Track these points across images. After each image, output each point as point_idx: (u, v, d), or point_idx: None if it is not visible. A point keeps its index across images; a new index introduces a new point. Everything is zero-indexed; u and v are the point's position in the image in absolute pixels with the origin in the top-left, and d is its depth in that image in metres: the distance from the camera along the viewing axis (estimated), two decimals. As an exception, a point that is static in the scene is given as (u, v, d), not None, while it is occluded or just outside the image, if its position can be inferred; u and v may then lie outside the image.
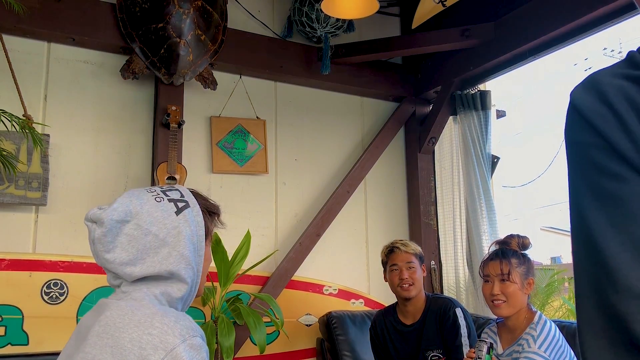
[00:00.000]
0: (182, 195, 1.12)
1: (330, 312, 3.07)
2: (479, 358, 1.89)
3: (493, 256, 2.07)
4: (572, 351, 1.93)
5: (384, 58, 3.60)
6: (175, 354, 0.90)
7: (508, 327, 2.04)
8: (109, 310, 0.99)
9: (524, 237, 2.09)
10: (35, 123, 2.54)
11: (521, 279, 2.00)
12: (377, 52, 3.43)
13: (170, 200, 1.09)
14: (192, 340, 0.93)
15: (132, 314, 0.96)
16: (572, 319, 4.71)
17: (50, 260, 2.65)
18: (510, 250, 2.05)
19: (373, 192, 3.63)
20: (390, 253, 2.46)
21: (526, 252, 2.08)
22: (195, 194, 1.17)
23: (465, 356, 2.07)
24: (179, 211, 1.07)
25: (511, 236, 2.10)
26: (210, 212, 1.18)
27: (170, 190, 1.13)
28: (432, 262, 3.52)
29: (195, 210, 1.11)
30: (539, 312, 2.01)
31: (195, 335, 0.95)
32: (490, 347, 1.92)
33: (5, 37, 2.60)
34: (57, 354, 1.07)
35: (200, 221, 1.10)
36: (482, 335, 2.16)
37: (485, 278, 2.07)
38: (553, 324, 1.97)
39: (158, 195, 1.09)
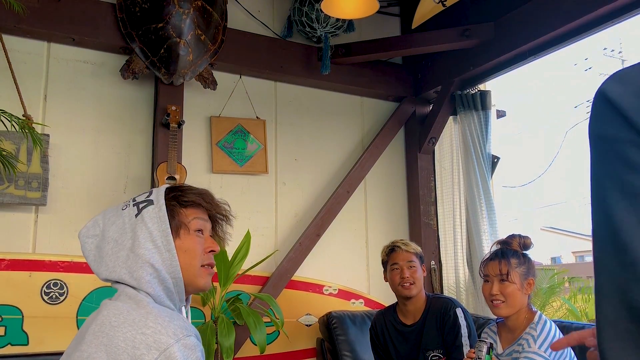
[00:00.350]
0: (149, 195, 1.13)
1: (330, 312, 3.07)
2: (479, 358, 1.89)
3: (493, 256, 2.07)
4: (572, 351, 1.93)
5: (384, 58, 3.60)
6: (168, 354, 0.90)
7: (508, 327, 2.04)
8: (106, 310, 1.01)
9: (526, 237, 2.09)
10: (35, 123, 2.53)
11: (520, 279, 1.99)
12: (377, 52, 3.43)
13: (135, 205, 1.12)
14: (186, 340, 0.94)
15: (127, 314, 0.97)
16: (572, 319, 4.71)
17: (50, 260, 2.65)
18: (511, 250, 2.05)
19: (373, 192, 3.63)
20: (391, 252, 2.47)
21: (527, 252, 2.08)
22: (173, 188, 1.17)
23: (465, 357, 2.07)
24: (138, 213, 1.09)
25: (512, 236, 2.10)
26: (184, 201, 1.15)
27: (143, 194, 1.15)
28: (432, 262, 3.52)
29: (157, 206, 1.10)
30: (539, 312, 2.01)
31: (189, 335, 0.95)
32: (490, 347, 1.92)
33: (5, 37, 2.60)
34: (57, 354, 1.08)
35: (162, 216, 1.09)
36: (482, 335, 2.16)
37: (485, 278, 2.07)
38: (553, 324, 1.96)
39: (126, 204, 1.14)
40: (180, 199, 1.15)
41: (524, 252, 2.06)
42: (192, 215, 1.15)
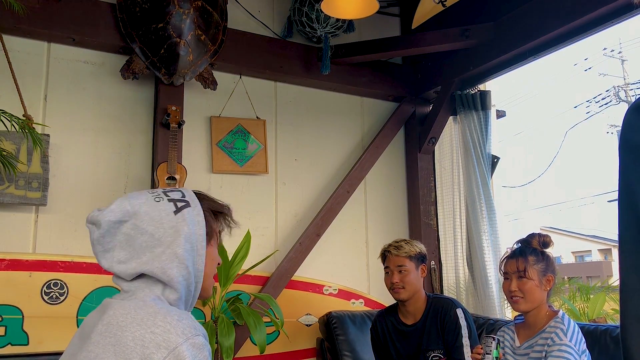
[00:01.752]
0: (183, 196, 1.12)
1: (330, 312, 3.07)
2: (487, 354, 1.90)
3: (511, 254, 2.12)
4: (587, 350, 1.96)
5: (384, 58, 3.60)
6: (177, 353, 0.90)
7: (528, 323, 2.08)
8: (112, 309, 0.99)
9: (545, 236, 2.14)
10: (35, 123, 2.53)
11: (539, 275, 2.04)
12: (377, 52, 3.42)
13: (170, 200, 1.09)
14: (194, 339, 0.93)
15: (135, 313, 0.96)
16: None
17: (50, 260, 2.65)
18: (530, 248, 2.10)
19: (373, 192, 3.63)
20: (383, 257, 2.48)
21: (547, 250, 2.11)
22: (200, 195, 1.17)
23: (472, 353, 2.07)
24: (177, 210, 1.07)
25: (532, 235, 2.15)
26: (216, 212, 1.17)
27: (172, 191, 1.13)
28: (432, 262, 3.52)
29: (196, 210, 1.10)
30: (561, 310, 2.05)
31: (197, 334, 0.95)
32: (498, 343, 1.94)
33: (5, 37, 2.60)
34: (57, 353, 1.07)
35: (201, 221, 1.10)
36: (498, 332, 2.19)
37: (504, 275, 2.12)
38: (575, 322, 2.01)
39: (158, 196, 1.09)
40: (212, 207, 1.17)
41: (544, 250, 2.09)
42: (218, 227, 1.18)
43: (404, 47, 3.44)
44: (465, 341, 2.26)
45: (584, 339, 1.96)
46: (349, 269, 3.45)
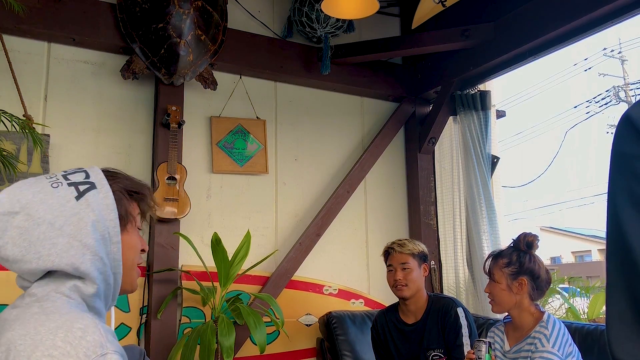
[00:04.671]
0: (87, 177, 0.99)
1: (330, 312, 3.07)
2: (479, 358, 1.90)
3: (488, 256, 2.14)
4: (578, 350, 1.95)
5: (384, 58, 3.60)
6: None
7: (515, 325, 2.07)
8: (10, 331, 0.85)
9: (529, 235, 2.08)
10: (35, 123, 2.54)
11: (507, 279, 2.01)
12: (377, 52, 3.42)
13: (70, 185, 0.96)
14: (99, 359, 0.80)
15: (35, 332, 0.82)
16: (572, 319, 4.72)
17: (51, 260, 2.65)
18: (510, 249, 2.07)
19: (373, 192, 3.63)
20: (386, 254, 2.48)
21: (532, 251, 2.07)
22: (112, 174, 1.05)
23: (465, 357, 2.07)
24: (79, 195, 0.94)
25: (521, 234, 2.13)
26: (131, 192, 1.05)
27: (74, 172, 1.00)
28: (432, 262, 3.52)
29: (103, 192, 0.97)
30: (547, 312, 2.02)
31: (104, 354, 0.81)
32: (489, 347, 1.93)
33: (5, 37, 2.60)
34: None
35: (111, 203, 0.97)
36: (489, 333, 2.18)
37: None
38: (562, 323, 1.99)
39: (56, 181, 0.97)
40: (127, 187, 1.04)
41: (529, 250, 2.05)
42: (136, 210, 1.05)
43: (404, 47, 3.44)
44: (466, 340, 2.26)
45: (570, 340, 1.94)
46: (349, 269, 3.46)
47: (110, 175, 1.04)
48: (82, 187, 0.96)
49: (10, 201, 0.91)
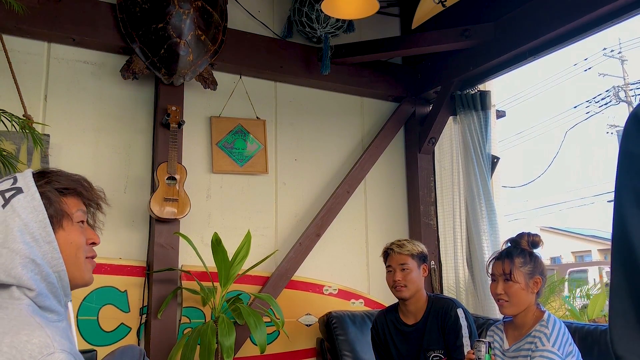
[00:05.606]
0: (14, 182, 1.00)
1: (330, 312, 3.07)
2: (478, 358, 1.90)
3: (498, 255, 2.10)
4: (578, 350, 1.95)
5: (384, 58, 3.60)
6: None
7: (515, 325, 2.06)
8: None
9: (535, 235, 2.09)
10: (35, 123, 2.54)
11: (525, 278, 2.00)
12: (377, 52, 3.42)
13: None
14: (45, 359, 0.83)
15: None
16: (572, 319, 4.72)
17: (51, 260, 2.65)
18: (518, 249, 2.06)
19: (373, 192, 3.63)
20: (386, 255, 2.48)
21: (536, 250, 2.08)
22: (43, 175, 1.05)
23: (465, 357, 2.07)
24: (5, 203, 0.96)
25: (522, 234, 2.12)
26: (61, 189, 1.05)
27: (4, 180, 1.01)
28: (432, 262, 3.52)
29: (29, 195, 0.98)
30: (547, 311, 2.02)
31: (50, 353, 0.84)
32: (489, 347, 1.93)
33: (5, 37, 2.60)
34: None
35: (37, 205, 0.98)
36: (488, 332, 2.18)
37: (491, 277, 2.10)
38: (562, 323, 1.99)
39: None
40: (57, 186, 1.04)
41: (532, 250, 2.07)
42: (74, 205, 1.06)
43: (404, 47, 3.44)
44: (466, 341, 2.26)
45: (570, 339, 1.94)
46: (349, 269, 3.45)
47: (41, 176, 1.04)
48: (8, 194, 0.97)
49: None
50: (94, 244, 1.10)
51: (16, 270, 0.93)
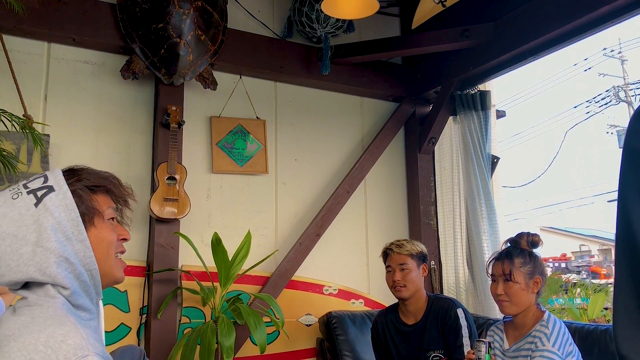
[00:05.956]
0: (45, 181, 1.01)
1: (330, 312, 3.07)
2: (478, 358, 1.90)
3: (498, 256, 2.10)
4: (578, 350, 1.95)
5: (384, 58, 3.60)
6: None
7: (515, 324, 2.06)
8: (1, 327, 0.91)
9: (534, 235, 2.10)
10: (35, 123, 2.54)
11: (525, 278, 2.01)
12: (377, 52, 3.42)
13: (30, 192, 0.98)
14: None
15: (18, 334, 0.87)
16: (572, 319, 4.72)
17: (51, 260, 2.65)
18: (517, 249, 2.06)
19: (373, 192, 3.63)
20: (385, 255, 2.48)
21: (536, 250, 2.08)
22: (74, 172, 1.06)
23: (465, 357, 2.07)
24: (38, 201, 0.97)
25: (521, 234, 2.12)
26: (92, 187, 1.05)
27: (34, 179, 1.02)
28: (432, 262, 3.52)
29: (61, 193, 0.99)
30: (547, 311, 2.02)
31: (84, 356, 0.84)
32: (489, 347, 1.93)
33: (5, 37, 2.60)
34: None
35: (70, 204, 0.99)
36: (488, 332, 2.18)
37: (491, 277, 2.10)
38: (562, 323, 1.98)
39: (17, 192, 0.99)
40: (87, 183, 1.04)
41: (532, 250, 2.07)
42: (104, 203, 1.06)
43: (404, 47, 3.44)
44: (466, 341, 2.26)
45: (570, 339, 1.94)
46: (349, 269, 3.45)
47: (71, 174, 1.05)
48: (40, 193, 0.98)
49: None
50: (124, 239, 1.11)
51: (51, 269, 0.94)
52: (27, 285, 0.97)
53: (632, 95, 16.36)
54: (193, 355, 2.47)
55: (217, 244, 2.65)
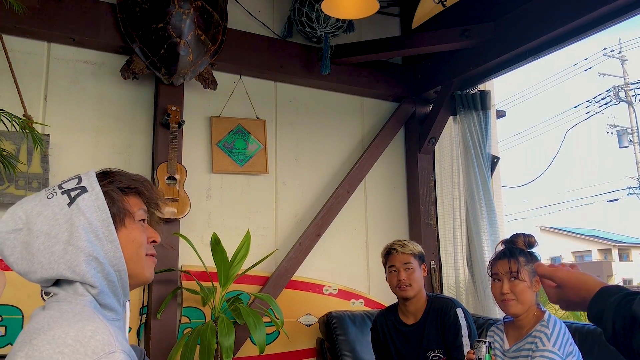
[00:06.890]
0: (79, 182, 1.04)
1: (330, 312, 3.07)
2: (479, 358, 1.90)
3: (501, 255, 2.08)
4: (578, 350, 1.95)
5: (384, 58, 3.60)
6: None
7: (516, 325, 2.06)
8: (31, 323, 0.93)
9: (530, 236, 2.10)
10: (35, 123, 2.53)
11: (529, 277, 2.01)
12: (377, 52, 3.42)
13: (64, 193, 1.01)
14: (107, 358, 0.85)
15: (48, 328, 0.89)
16: (572, 319, 4.72)
17: (50, 260, 2.65)
18: (518, 248, 2.07)
19: (373, 192, 3.63)
20: (388, 255, 2.47)
21: (532, 250, 2.09)
22: (107, 175, 1.08)
23: (465, 357, 2.07)
24: (71, 201, 0.99)
25: (517, 235, 2.12)
26: (124, 188, 1.08)
27: (68, 180, 1.05)
28: (432, 262, 3.52)
29: (94, 194, 1.02)
30: (547, 311, 2.02)
31: (112, 352, 0.86)
32: (489, 347, 1.93)
33: (5, 37, 2.60)
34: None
35: (101, 205, 1.01)
36: (488, 332, 2.18)
37: (494, 277, 2.08)
38: (562, 323, 1.98)
39: (52, 192, 1.02)
40: (119, 185, 1.07)
41: (529, 250, 2.07)
42: (135, 204, 1.08)
43: (404, 47, 3.44)
44: (465, 341, 2.26)
45: (570, 339, 1.94)
46: (349, 269, 3.45)
47: (104, 175, 1.08)
48: (73, 193, 1.01)
49: (13, 219, 0.98)
50: (154, 242, 1.12)
51: (80, 267, 0.96)
52: (57, 282, 1.00)
53: (632, 95, 16.36)
54: (193, 355, 2.47)
55: (216, 244, 2.65)
